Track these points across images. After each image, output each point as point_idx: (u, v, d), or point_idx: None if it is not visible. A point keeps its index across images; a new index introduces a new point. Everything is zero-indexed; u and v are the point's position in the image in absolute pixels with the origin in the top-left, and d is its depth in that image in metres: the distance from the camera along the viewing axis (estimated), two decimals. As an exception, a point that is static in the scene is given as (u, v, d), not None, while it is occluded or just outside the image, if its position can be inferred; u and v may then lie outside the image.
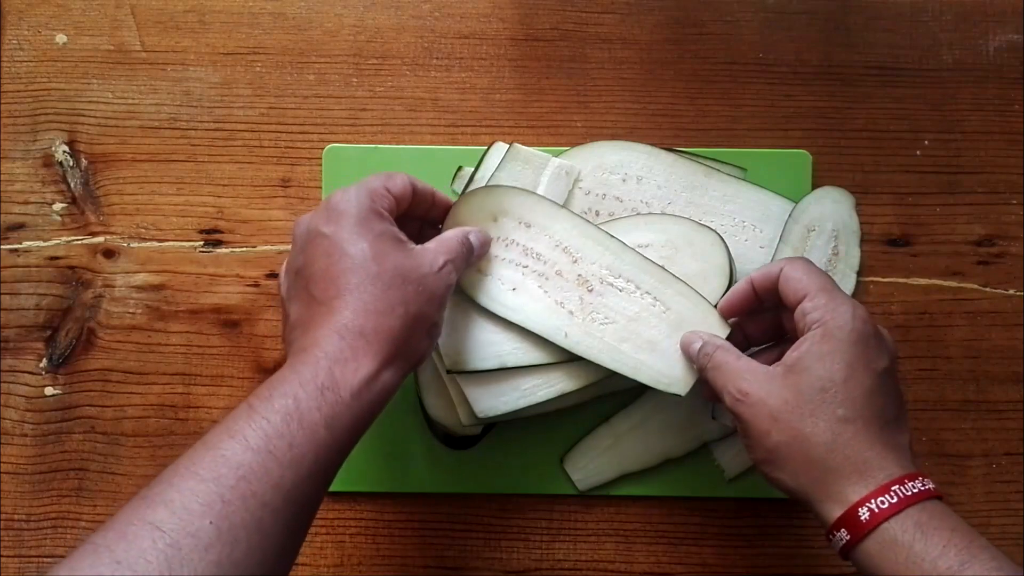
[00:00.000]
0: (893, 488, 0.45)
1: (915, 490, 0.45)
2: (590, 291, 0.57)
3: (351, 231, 0.49)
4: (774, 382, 0.49)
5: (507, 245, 0.58)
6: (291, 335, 0.49)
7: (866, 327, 0.49)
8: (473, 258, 0.55)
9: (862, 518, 0.45)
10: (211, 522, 0.40)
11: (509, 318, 0.57)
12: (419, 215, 0.56)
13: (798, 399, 0.47)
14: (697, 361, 0.54)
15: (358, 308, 0.47)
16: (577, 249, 0.58)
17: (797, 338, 0.50)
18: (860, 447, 0.46)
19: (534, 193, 0.59)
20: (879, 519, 0.44)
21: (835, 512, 0.46)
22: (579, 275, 0.57)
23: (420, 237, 0.55)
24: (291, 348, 0.48)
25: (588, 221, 0.59)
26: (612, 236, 0.58)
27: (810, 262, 0.53)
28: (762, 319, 0.56)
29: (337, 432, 0.45)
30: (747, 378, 0.50)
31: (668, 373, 0.56)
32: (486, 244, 0.57)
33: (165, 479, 0.42)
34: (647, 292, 0.57)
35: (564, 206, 0.60)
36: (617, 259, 0.57)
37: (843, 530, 0.45)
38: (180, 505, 0.40)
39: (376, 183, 0.51)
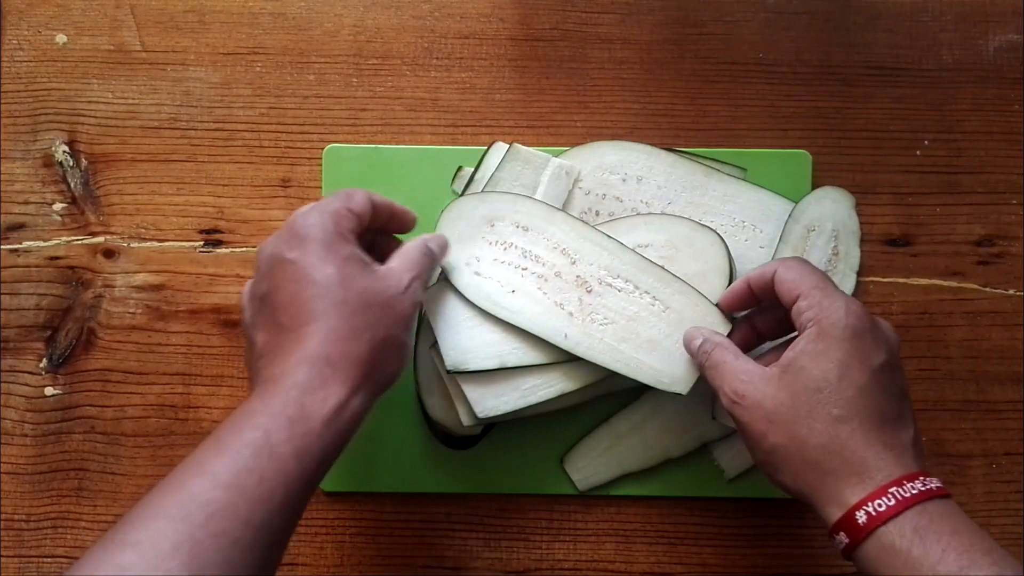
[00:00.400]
0: (891, 490, 0.44)
1: (914, 491, 0.44)
2: (589, 292, 0.57)
3: (317, 256, 0.48)
4: (770, 384, 0.48)
5: (505, 248, 0.58)
6: (257, 363, 0.48)
7: (860, 322, 0.48)
8: (436, 264, 0.55)
9: (859, 521, 0.44)
10: (181, 562, 0.39)
11: (509, 320, 0.57)
12: (378, 228, 0.55)
13: (793, 401, 0.47)
14: (696, 358, 0.54)
15: (325, 335, 0.47)
16: (575, 250, 0.58)
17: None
18: (857, 447, 0.46)
19: (529, 197, 0.59)
20: (876, 522, 0.44)
21: (834, 514, 0.45)
22: (578, 276, 0.57)
23: (372, 246, 0.54)
24: (258, 377, 0.48)
25: (586, 223, 0.59)
26: (610, 237, 0.58)
27: (805, 261, 0.52)
28: (772, 314, 0.55)
29: (307, 463, 0.44)
30: (743, 379, 0.49)
31: (668, 372, 0.56)
32: (445, 247, 0.56)
33: (134, 517, 0.41)
34: (646, 292, 0.57)
35: (562, 208, 0.61)
36: (615, 259, 0.57)
37: (842, 533, 0.45)
38: (149, 546, 0.39)
39: (337, 204, 0.50)
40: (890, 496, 0.44)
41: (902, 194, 0.66)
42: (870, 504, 0.44)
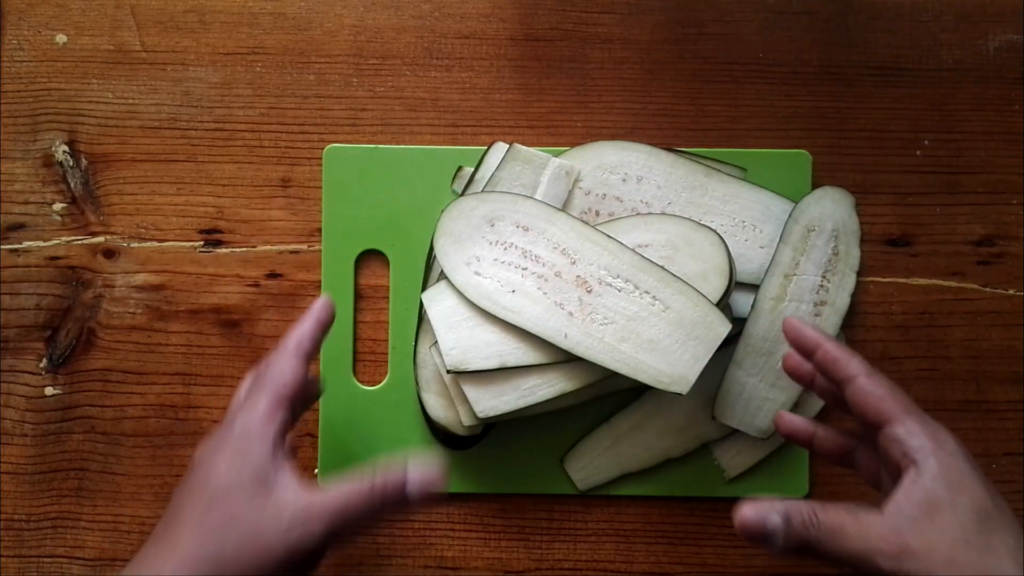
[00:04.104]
0: None
1: None
2: (589, 292, 0.57)
3: (217, 455, 0.48)
4: (924, 525, 0.43)
5: (505, 248, 0.58)
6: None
7: (963, 447, 0.45)
8: (412, 499, 0.49)
9: None
10: None
11: (509, 320, 0.57)
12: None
13: (964, 534, 0.43)
14: (791, 538, 0.44)
15: (169, 553, 0.46)
16: (575, 250, 0.58)
17: (877, 462, 0.48)
18: None
19: (529, 197, 0.59)
20: None
21: None
22: (578, 276, 0.58)
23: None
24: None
25: (586, 223, 0.59)
26: (610, 237, 0.58)
27: (885, 379, 0.48)
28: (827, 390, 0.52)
29: None
30: (893, 530, 0.43)
31: (669, 372, 0.56)
32: (430, 484, 0.49)
33: None
34: (646, 291, 0.57)
35: (562, 208, 0.61)
36: (615, 259, 0.57)
37: None
38: None
39: (266, 402, 0.49)
40: None
41: (902, 194, 0.66)
42: None
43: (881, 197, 0.66)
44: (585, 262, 0.58)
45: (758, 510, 0.45)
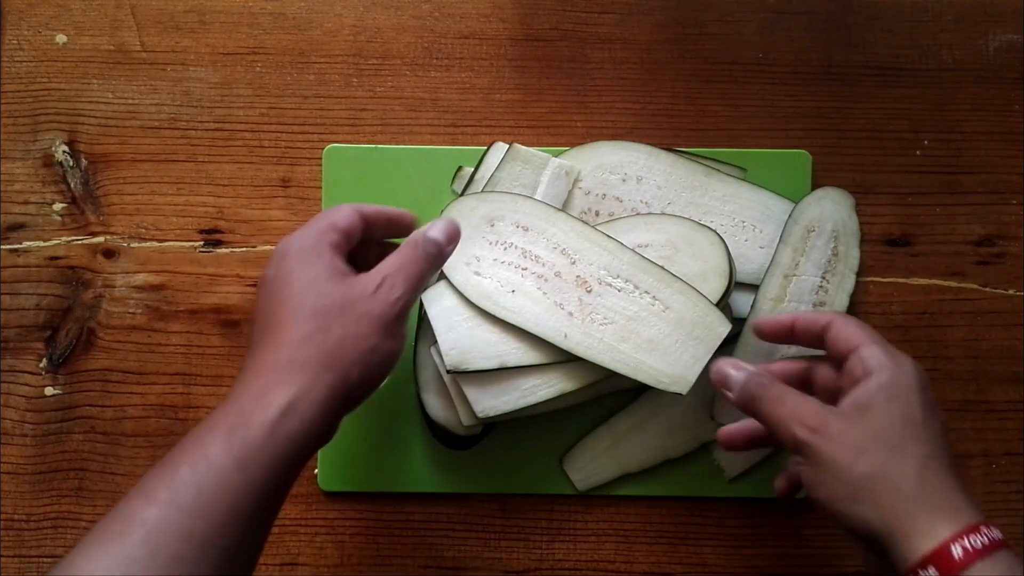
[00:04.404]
0: (982, 529, 0.44)
1: (998, 536, 0.44)
2: (589, 292, 0.57)
3: (285, 272, 0.48)
4: (850, 416, 0.48)
5: (505, 248, 0.58)
6: None
7: (925, 379, 0.49)
8: (442, 251, 0.52)
9: (955, 556, 0.43)
10: None
11: (508, 320, 0.57)
12: (380, 237, 0.55)
13: (881, 432, 0.47)
14: (742, 392, 0.51)
15: (276, 342, 0.46)
16: (575, 251, 0.58)
17: (838, 388, 0.50)
18: (946, 484, 0.46)
19: (529, 197, 0.59)
20: (973, 558, 0.43)
21: (923, 547, 0.44)
22: (578, 276, 0.58)
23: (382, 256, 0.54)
24: None
25: (586, 223, 0.59)
26: (610, 237, 0.58)
27: (859, 321, 0.52)
28: (792, 367, 0.55)
29: (253, 474, 0.43)
30: (820, 411, 0.48)
31: (668, 372, 0.56)
32: (452, 234, 0.53)
33: (81, 544, 0.41)
34: (646, 291, 0.57)
35: (561, 208, 0.61)
36: (615, 259, 0.57)
37: (931, 568, 0.43)
38: (87, 571, 0.40)
39: (320, 223, 0.50)
40: (982, 534, 0.44)
41: (902, 194, 0.66)
42: (966, 539, 0.43)
43: (881, 197, 0.66)
44: (585, 262, 0.58)
45: (727, 363, 0.53)
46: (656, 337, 0.56)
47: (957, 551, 0.43)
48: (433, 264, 0.52)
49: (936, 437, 0.47)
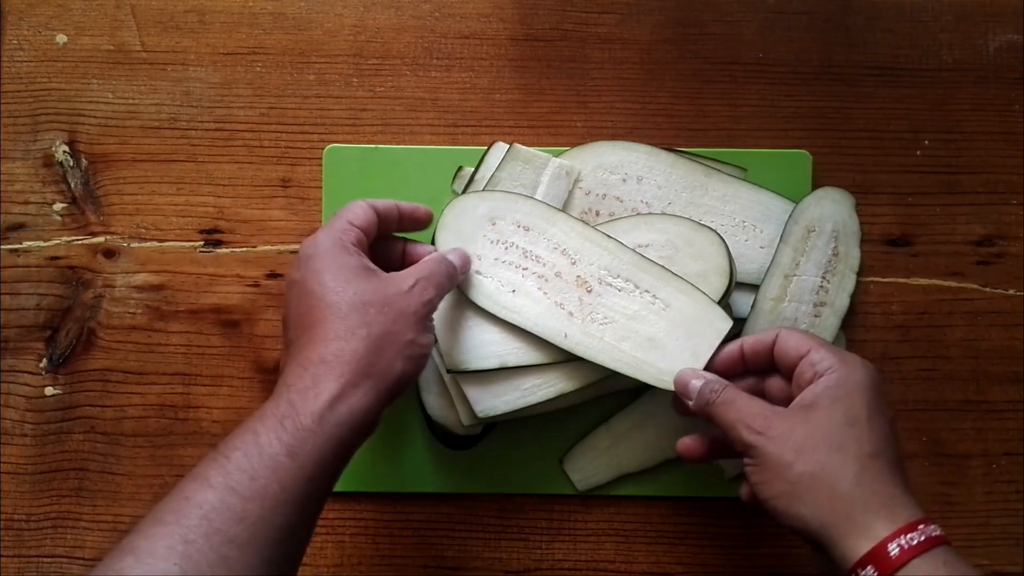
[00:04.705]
0: (920, 527, 0.45)
1: (936, 532, 0.45)
2: (589, 292, 0.57)
3: (315, 272, 0.50)
4: (795, 417, 0.49)
5: (506, 248, 0.58)
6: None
7: (875, 377, 0.50)
8: (458, 275, 0.56)
9: (891, 554, 0.44)
10: (175, 564, 0.40)
11: (509, 320, 0.57)
12: (392, 231, 0.57)
13: (823, 432, 0.48)
14: (699, 399, 0.53)
15: (319, 338, 0.48)
16: (575, 251, 0.58)
17: (791, 397, 0.51)
18: (886, 483, 0.47)
19: (530, 197, 0.59)
20: (909, 556, 0.44)
21: (861, 547, 0.45)
22: (578, 276, 0.58)
23: (403, 255, 0.58)
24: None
25: (586, 223, 0.59)
26: (610, 237, 0.58)
27: (804, 331, 0.54)
28: (743, 382, 0.56)
29: (303, 460, 0.45)
30: (766, 413, 0.50)
31: (669, 371, 0.56)
32: (467, 261, 0.57)
33: (138, 527, 0.43)
34: (646, 291, 0.57)
35: (562, 208, 0.61)
36: (615, 259, 0.57)
37: (870, 567, 0.44)
38: (146, 551, 0.41)
39: (339, 222, 0.52)
40: (920, 532, 0.44)
41: (902, 194, 0.66)
42: (902, 537, 0.44)
43: (881, 197, 0.66)
44: (585, 262, 0.58)
45: (689, 373, 0.54)
46: (656, 335, 0.56)
47: (893, 549, 0.44)
48: (452, 282, 0.55)
49: (881, 436, 0.48)
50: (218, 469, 0.44)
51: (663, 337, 0.56)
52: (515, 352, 0.58)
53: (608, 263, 0.58)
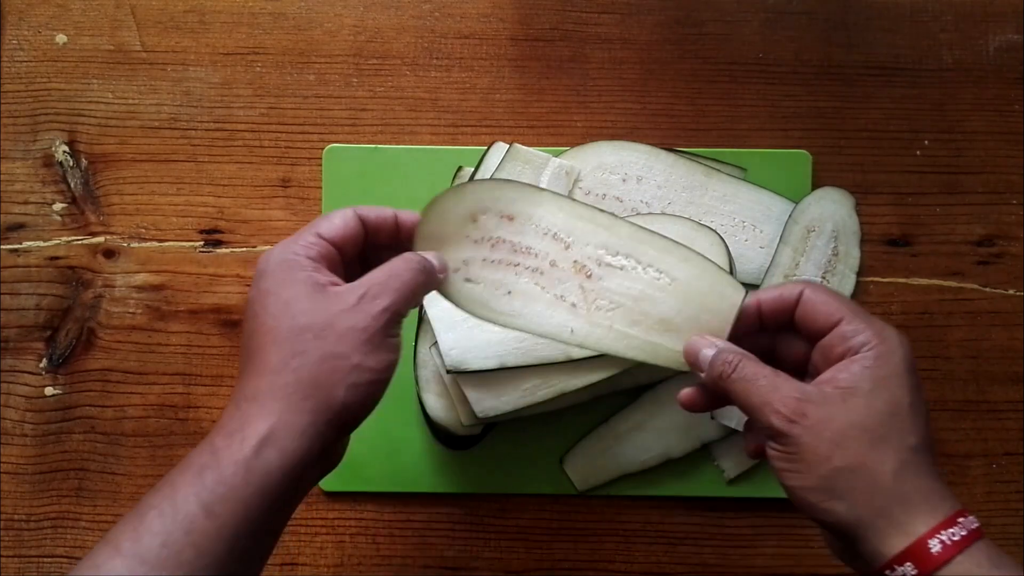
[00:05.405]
0: (959, 520, 0.42)
1: (975, 525, 0.42)
2: (589, 277, 0.53)
3: (262, 292, 0.45)
4: (833, 403, 0.44)
5: (493, 245, 0.53)
6: None
7: (911, 354, 0.46)
8: (435, 271, 0.49)
9: (933, 551, 0.41)
10: None
11: (509, 326, 0.53)
12: (386, 243, 0.50)
13: (864, 422, 0.44)
14: (711, 370, 0.48)
15: (254, 370, 0.43)
16: (567, 232, 0.53)
17: (807, 361, 0.48)
18: (927, 477, 0.43)
19: (507, 181, 0.54)
20: (952, 553, 0.41)
21: (899, 544, 0.42)
22: (575, 261, 0.53)
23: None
24: None
25: (573, 199, 0.54)
26: (601, 209, 0.53)
27: (831, 289, 0.49)
28: (754, 342, 0.50)
29: (224, 519, 0.40)
30: (797, 397, 0.44)
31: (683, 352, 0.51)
32: (442, 262, 0.50)
33: None
34: (649, 265, 0.52)
35: (544, 188, 0.56)
36: (611, 235, 0.52)
37: (908, 564, 0.41)
38: None
39: (303, 234, 0.47)
40: (960, 526, 0.42)
41: (902, 194, 0.66)
42: (943, 533, 0.41)
43: (881, 197, 0.66)
44: (580, 243, 0.53)
45: (701, 341, 0.49)
46: (667, 314, 0.52)
47: (935, 546, 0.41)
48: (425, 280, 0.48)
49: (922, 425, 0.44)
50: (130, 532, 0.39)
51: (674, 317, 0.52)
52: (515, 352, 0.58)
53: (604, 240, 0.53)
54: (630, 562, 0.64)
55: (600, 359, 0.58)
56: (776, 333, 0.50)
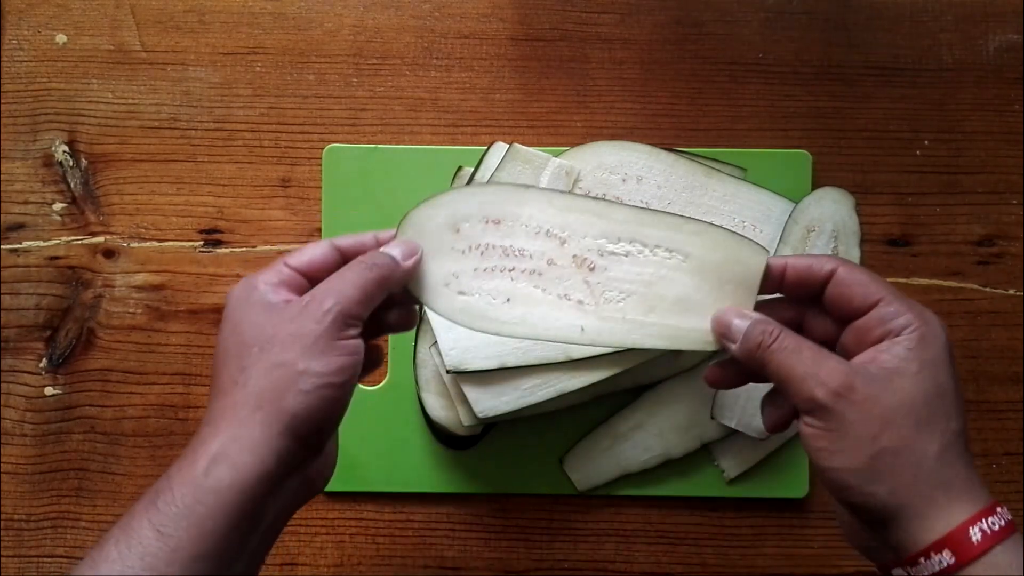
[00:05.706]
0: (998, 510, 0.41)
1: (1010, 517, 0.41)
2: (592, 270, 0.49)
3: (225, 320, 0.45)
4: (881, 381, 0.42)
5: (482, 253, 0.49)
6: None
7: (949, 339, 0.45)
8: (395, 267, 0.47)
9: (973, 539, 0.40)
10: None
11: (515, 335, 0.49)
12: None
13: (911, 403, 0.42)
14: (747, 340, 0.45)
15: (212, 397, 0.43)
16: (560, 227, 0.49)
17: (832, 341, 0.46)
18: (965, 463, 0.42)
19: (485, 184, 0.53)
20: (991, 542, 0.40)
21: (937, 531, 0.40)
22: (574, 256, 0.49)
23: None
24: None
25: (560, 191, 0.51)
26: (591, 197, 0.51)
27: (865, 268, 0.47)
28: (779, 317, 0.47)
29: (178, 540, 0.39)
30: (846, 370, 0.43)
31: (709, 330, 0.48)
32: (407, 248, 0.48)
33: None
34: (656, 246, 0.48)
35: (528, 185, 0.54)
36: (608, 222, 0.49)
37: (946, 551, 0.40)
38: None
39: (270, 266, 0.47)
40: (999, 516, 0.41)
41: (902, 194, 0.66)
42: (984, 521, 0.40)
43: (881, 197, 0.66)
44: (576, 236, 0.49)
45: (731, 311, 0.46)
46: (684, 294, 0.48)
47: (975, 534, 0.40)
48: (382, 275, 0.46)
49: (962, 411, 0.43)
50: (89, 564, 0.39)
51: (692, 294, 0.48)
52: (515, 352, 0.58)
53: (603, 229, 0.49)
54: (630, 562, 0.64)
55: (600, 359, 0.58)
56: (799, 306, 0.48)
